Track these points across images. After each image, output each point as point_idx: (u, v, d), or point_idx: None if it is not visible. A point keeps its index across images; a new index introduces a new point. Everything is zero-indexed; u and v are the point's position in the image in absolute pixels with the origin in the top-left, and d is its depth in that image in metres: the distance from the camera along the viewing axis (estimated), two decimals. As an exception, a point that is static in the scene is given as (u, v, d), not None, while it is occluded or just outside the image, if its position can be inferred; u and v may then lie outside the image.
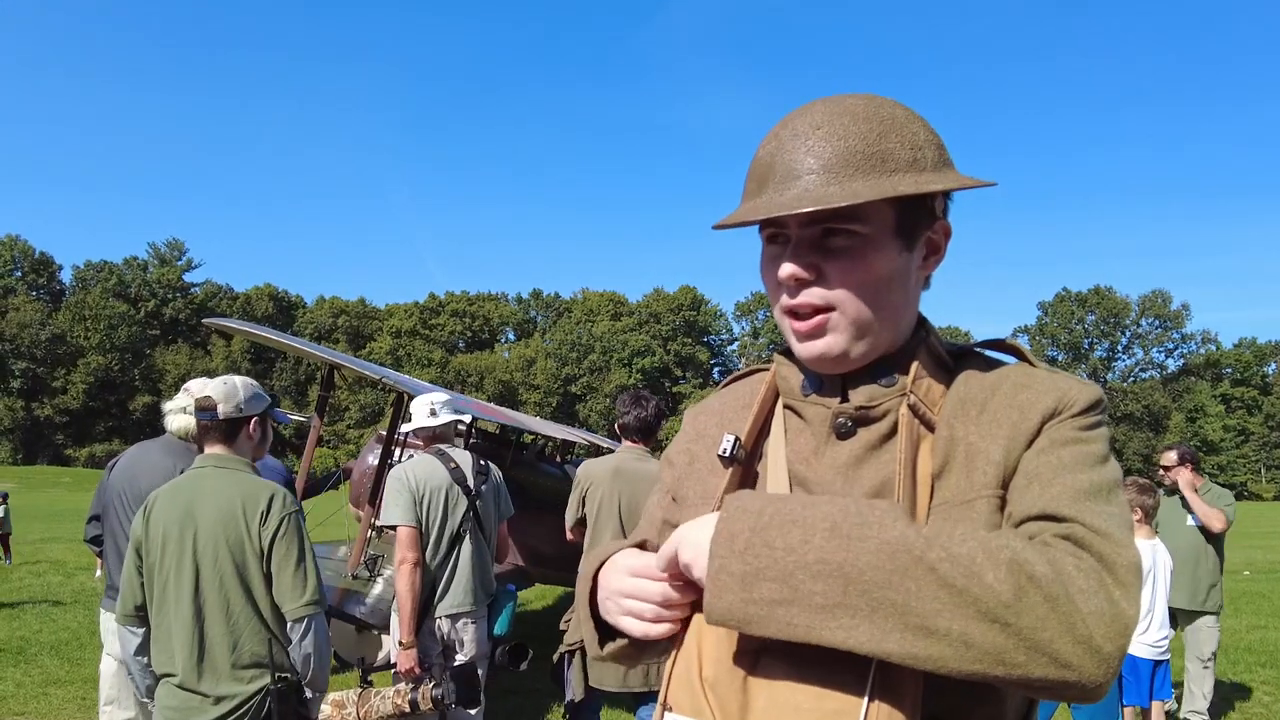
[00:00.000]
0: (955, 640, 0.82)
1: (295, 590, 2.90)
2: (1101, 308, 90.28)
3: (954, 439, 1.02)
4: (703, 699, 0.96)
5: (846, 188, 0.98)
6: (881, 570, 0.84)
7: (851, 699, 0.89)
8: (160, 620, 2.89)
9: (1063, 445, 0.98)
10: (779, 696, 0.92)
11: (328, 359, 7.18)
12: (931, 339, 1.11)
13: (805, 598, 0.86)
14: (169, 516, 2.89)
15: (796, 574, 0.86)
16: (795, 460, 1.09)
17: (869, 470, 1.04)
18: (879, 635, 0.83)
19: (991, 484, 0.98)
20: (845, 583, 0.85)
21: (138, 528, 2.93)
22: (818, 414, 1.08)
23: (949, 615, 0.82)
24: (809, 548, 0.87)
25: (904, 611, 0.83)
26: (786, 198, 1.00)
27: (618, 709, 6.64)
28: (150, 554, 2.89)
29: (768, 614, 0.87)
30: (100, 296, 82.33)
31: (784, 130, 1.04)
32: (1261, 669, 8.53)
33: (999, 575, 0.82)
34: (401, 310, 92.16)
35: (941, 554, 0.84)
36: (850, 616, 0.84)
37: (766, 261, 1.07)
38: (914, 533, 0.86)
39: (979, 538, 0.86)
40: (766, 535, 0.89)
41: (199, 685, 2.83)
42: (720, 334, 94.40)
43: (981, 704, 0.98)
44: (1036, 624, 0.81)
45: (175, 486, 2.98)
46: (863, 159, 0.99)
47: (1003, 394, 1.04)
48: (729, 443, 1.11)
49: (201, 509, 2.87)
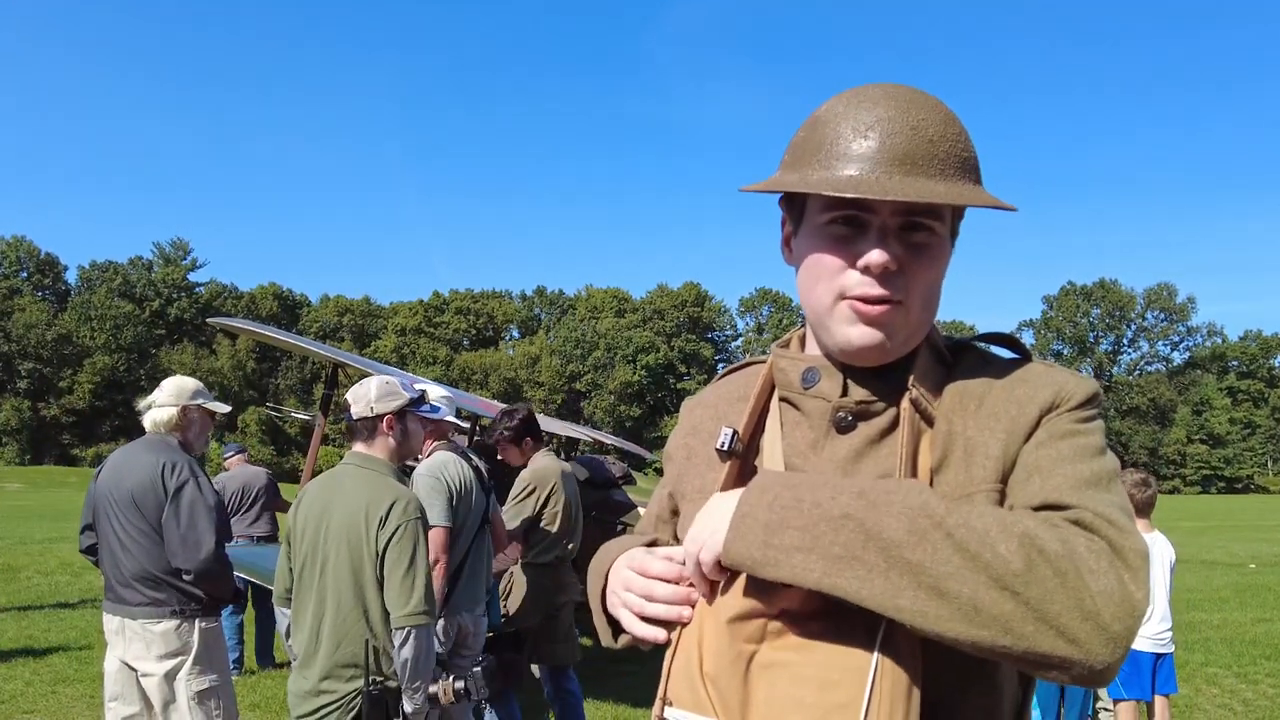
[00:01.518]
0: (965, 603, 0.84)
1: (402, 597, 2.96)
2: (1107, 301, 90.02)
3: (953, 433, 1.03)
4: (703, 693, 0.95)
5: (955, 187, 0.99)
6: (901, 530, 0.86)
7: (854, 691, 0.89)
8: (296, 607, 3.11)
9: (1060, 438, 0.99)
10: (780, 690, 0.91)
11: (331, 357, 7.21)
12: (933, 333, 1.11)
13: (824, 547, 0.88)
14: (311, 509, 3.10)
15: (819, 525, 0.89)
16: (792, 454, 1.08)
17: (868, 464, 1.04)
18: (892, 591, 0.85)
19: (990, 478, 0.99)
20: (865, 538, 0.87)
21: (289, 516, 3.22)
22: (817, 407, 1.08)
23: (960, 579, 0.84)
24: (835, 504, 0.89)
25: (918, 571, 0.85)
26: (898, 183, 0.97)
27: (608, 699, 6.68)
28: (293, 543, 3.13)
29: (784, 559, 0.89)
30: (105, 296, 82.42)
31: (876, 109, 1.01)
32: (1266, 661, 8.54)
33: (1010, 547, 0.84)
34: (406, 308, 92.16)
35: (959, 521, 0.86)
36: (866, 570, 0.86)
37: (830, 241, 1.03)
38: (936, 500, 0.88)
39: (995, 513, 0.89)
40: (797, 491, 0.92)
41: (308, 674, 3.00)
42: (724, 330, 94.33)
43: (978, 694, 0.99)
44: (1045, 596, 0.83)
45: (322, 481, 3.21)
46: (959, 161, 1.01)
47: (1000, 388, 1.04)
48: (726, 436, 1.10)
49: (335, 506, 3.03)
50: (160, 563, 3.65)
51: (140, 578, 3.65)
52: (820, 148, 1.02)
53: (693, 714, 0.96)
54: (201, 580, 3.65)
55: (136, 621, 3.64)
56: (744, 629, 0.95)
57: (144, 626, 3.63)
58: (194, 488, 3.67)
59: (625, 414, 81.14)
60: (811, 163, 1.03)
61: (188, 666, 3.67)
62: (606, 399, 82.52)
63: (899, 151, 0.98)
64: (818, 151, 1.02)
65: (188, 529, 3.61)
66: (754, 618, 0.95)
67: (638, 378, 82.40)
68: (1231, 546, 21.05)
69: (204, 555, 3.61)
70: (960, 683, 0.97)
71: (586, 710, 6.50)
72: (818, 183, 1.00)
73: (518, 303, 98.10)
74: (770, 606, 0.94)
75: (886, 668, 0.89)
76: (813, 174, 1.02)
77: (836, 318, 1.03)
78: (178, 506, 3.62)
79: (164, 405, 3.84)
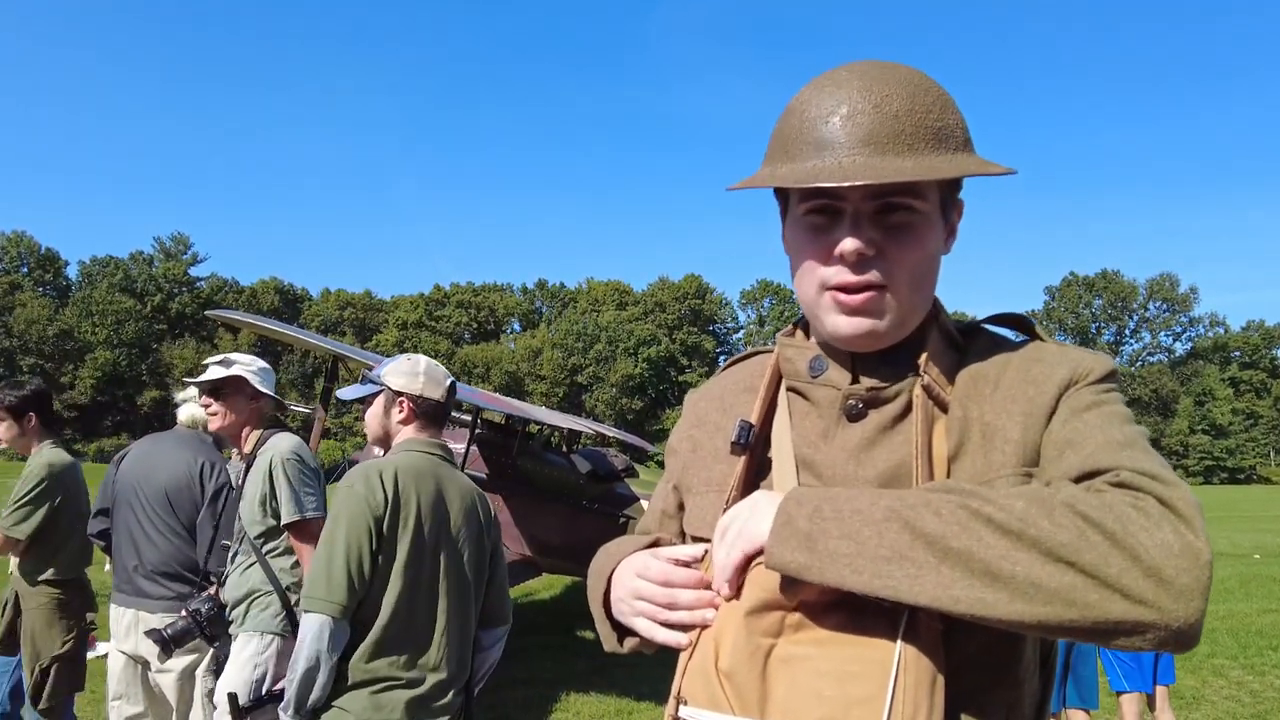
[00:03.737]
0: (1021, 583, 0.81)
1: (503, 603, 2.80)
2: (1109, 292, 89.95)
3: (968, 419, 1.01)
4: (719, 690, 0.93)
5: (924, 161, 0.95)
6: (943, 523, 0.84)
7: (875, 684, 0.87)
8: (427, 618, 2.56)
9: (1086, 410, 0.97)
10: (800, 684, 0.90)
11: (330, 350, 7.16)
12: (943, 317, 1.08)
13: (870, 550, 0.86)
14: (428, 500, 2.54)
15: (863, 529, 0.87)
16: (802, 444, 1.06)
17: (881, 452, 1.01)
18: (945, 584, 0.83)
19: (1011, 463, 0.97)
20: (911, 536, 0.85)
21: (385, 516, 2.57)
22: (826, 396, 1.06)
23: (1011, 559, 0.82)
24: (876, 507, 0.88)
25: (967, 558, 0.83)
26: (860, 164, 0.94)
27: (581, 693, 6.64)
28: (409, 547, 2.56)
29: (830, 563, 0.87)
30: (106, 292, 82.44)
31: (840, 91, 0.98)
32: (1273, 652, 8.49)
33: (1054, 518, 0.82)
34: (407, 302, 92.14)
35: (998, 506, 0.84)
36: (916, 567, 0.84)
37: (808, 232, 1.01)
38: (972, 492, 0.87)
39: (1032, 490, 0.87)
40: (835, 503, 0.90)
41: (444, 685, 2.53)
42: (726, 322, 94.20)
43: (1001, 688, 0.98)
44: (1100, 560, 0.80)
45: (416, 469, 2.57)
46: (931, 134, 0.96)
47: (1015, 369, 1.02)
48: (741, 429, 1.08)
49: (450, 496, 2.60)
50: (186, 560, 3.63)
51: (163, 572, 3.62)
52: (789, 139, 1.00)
53: (709, 711, 0.93)
54: None
55: (154, 615, 3.61)
56: (761, 623, 0.93)
57: (162, 621, 3.60)
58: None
59: (627, 407, 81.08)
60: (782, 155, 1.00)
61: (205, 664, 3.65)
62: (608, 392, 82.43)
63: (862, 132, 0.95)
64: (787, 143, 1.00)
65: (225, 533, 3.60)
66: (772, 611, 0.93)
67: (639, 370, 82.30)
68: (1235, 537, 20.97)
69: None
70: (983, 678, 0.95)
71: (590, 706, 6.47)
72: (784, 175, 0.98)
73: (519, 296, 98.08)
74: (789, 600, 0.92)
75: (910, 660, 0.87)
76: (781, 167, 0.99)
77: (823, 308, 1.01)
78: (215, 510, 3.61)
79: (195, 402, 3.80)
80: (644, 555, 1.07)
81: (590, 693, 6.76)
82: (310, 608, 2.30)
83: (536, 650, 8.22)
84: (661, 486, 1.27)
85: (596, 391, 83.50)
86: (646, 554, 1.07)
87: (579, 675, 7.23)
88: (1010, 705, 0.99)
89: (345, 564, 2.31)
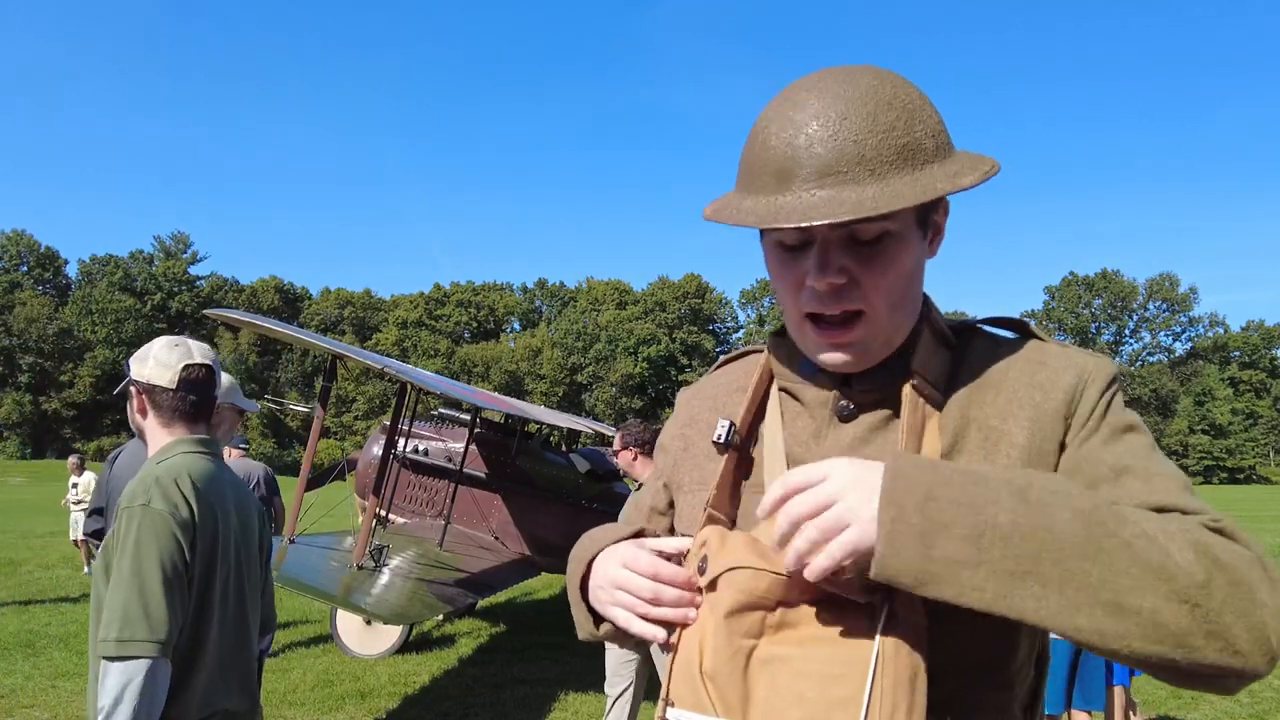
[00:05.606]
0: (1146, 619, 0.79)
1: (272, 607, 2.61)
2: (1109, 291, 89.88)
3: (966, 419, 1.00)
4: (703, 692, 0.92)
5: (888, 187, 0.91)
6: (1077, 540, 0.79)
7: (856, 685, 0.85)
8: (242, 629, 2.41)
9: (1123, 431, 0.97)
10: (781, 685, 0.89)
11: (330, 349, 7.16)
12: (934, 315, 1.07)
13: (995, 561, 0.80)
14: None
15: (985, 534, 0.80)
16: (794, 444, 1.06)
17: (873, 451, 1.01)
18: (1069, 608, 0.79)
19: (1015, 466, 0.96)
20: (1040, 549, 0.80)
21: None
22: (817, 397, 1.05)
23: (1141, 593, 0.79)
24: (999, 509, 0.81)
25: (1098, 585, 0.79)
26: (821, 199, 0.90)
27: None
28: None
29: (950, 575, 0.81)
30: (106, 291, 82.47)
31: (798, 114, 0.94)
32: (1272, 652, 8.50)
33: (1187, 556, 0.80)
34: (407, 301, 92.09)
35: (1136, 530, 0.80)
36: (1041, 585, 0.79)
37: (781, 263, 0.99)
38: (1105, 503, 0.83)
39: (1161, 517, 0.84)
40: (949, 490, 0.82)
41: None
42: (726, 321, 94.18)
43: (991, 689, 0.96)
44: (1221, 607, 0.79)
45: (205, 474, 2.30)
46: (896, 154, 0.92)
47: (1019, 373, 1.01)
48: (724, 428, 1.07)
49: (234, 501, 2.37)
50: None
51: None
52: (753, 168, 0.97)
53: (694, 714, 0.93)
54: None
55: None
56: (742, 623, 0.91)
57: None
58: None
59: (627, 406, 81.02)
60: (748, 183, 0.98)
61: None
62: (608, 391, 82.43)
63: (821, 163, 0.91)
64: (751, 172, 0.98)
65: None
66: (751, 611, 0.92)
67: (639, 370, 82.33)
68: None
69: None
70: (973, 678, 0.93)
71: (590, 705, 6.47)
72: (748, 210, 0.95)
73: (519, 295, 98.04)
74: (768, 599, 0.91)
75: (888, 658, 0.85)
76: (746, 199, 0.97)
77: (804, 337, 1.01)
78: None
79: None
80: (629, 545, 1.04)
81: (590, 692, 6.75)
82: (128, 652, 1.91)
83: (536, 650, 8.21)
84: (651, 483, 1.26)
85: (596, 391, 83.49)
86: (632, 544, 1.04)
87: (579, 675, 7.23)
88: (999, 707, 0.97)
89: (162, 592, 1.97)
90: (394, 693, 6.76)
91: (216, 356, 2.39)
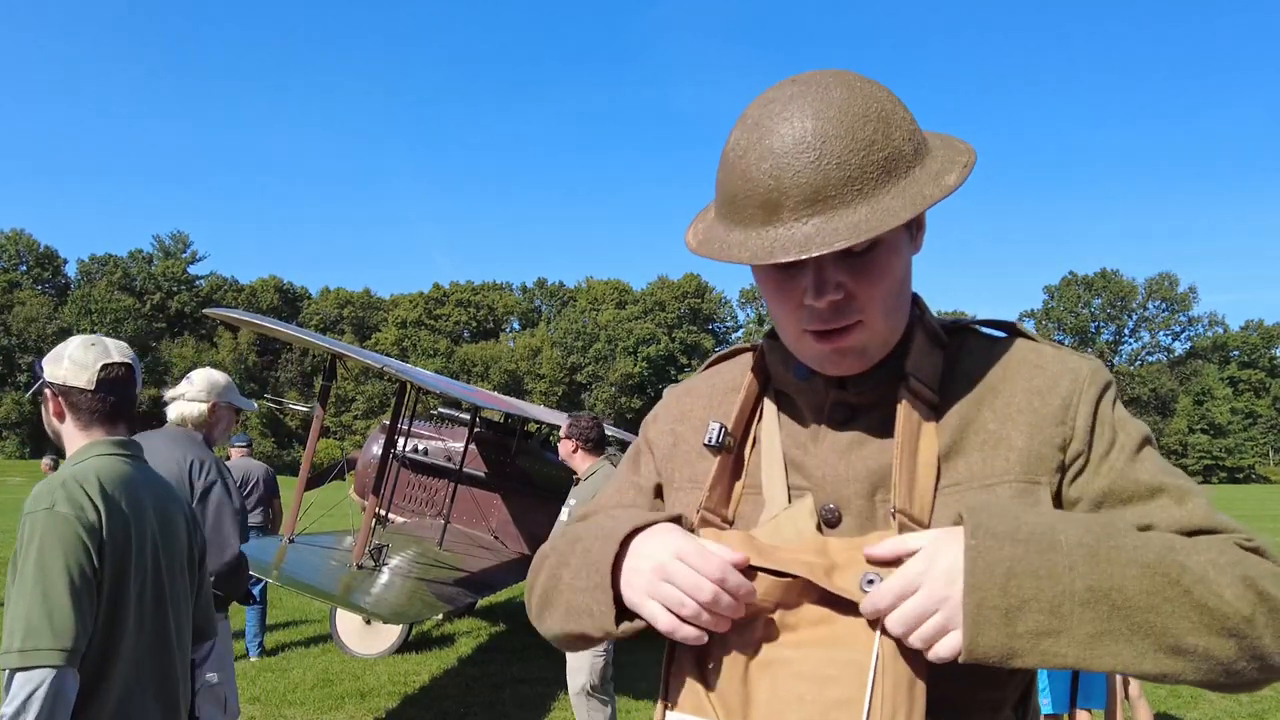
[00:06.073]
0: (1200, 656, 0.84)
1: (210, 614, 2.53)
2: (1108, 291, 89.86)
3: (965, 422, 1.01)
4: (703, 696, 0.92)
5: (879, 204, 0.90)
6: (1143, 594, 0.83)
7: (854, 687, 0.86)
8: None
9: (1140, 445, 0.99)
10: (781, 688, 0.89)
11: (329, 348, 7.15)
12: (926, 316, 1.07)
13: (1074, 628, 0.83)
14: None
15: (1064, 604, 0.83)
16: (791, 445, 1.06)
17: (870, 452, 1.01)
18: (1137, 657, 0.83)
19: (1015, 470, 0.97)
20: (1111, 610, 0.83)
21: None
22: (813, 399, 1.05)
23: (1197, 634, 0.84)
24: (1074, 575, 0.84)
25: (1161, 633, 0.83)
26: (814, 229, 0.90)
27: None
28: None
29: (1031, 646, 0.83)
30: (106, 290, 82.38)
31: (777, 142, 0.92)
32: (1271, 651, 8.49)
33: (1236, 591, 0.85)
34: (406, 301, 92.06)
35: (1195, 578, 0.85)
36: (1114, 642, 0.83)
37: (776, 286, 0.98)
38: (1164, 551, 0.86)
39: (1209, 551, 0.88)
40: (1029, 563, 0.84)
41: None
42: (725, 321, 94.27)
43: (985, 688, 0.97)
44: (1262, 633, 0.85)
45: (118, 476, 2.21)
46: (880, 169, 0.91)
47: (1016, 376, 1.02)
48: (715, 430, 1.06)
49: (155, 504, 2.28)
50: None
51: None
52: (735, 199, 0.96)
53: (693, 716, 0.92)
54: (222, 581, 3.61)
55: None
56: (742, 627, 0.92)
57: None
58: (221, 489, 3.63)
59: (626, 406, 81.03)
60: (731, 215, 0.97)
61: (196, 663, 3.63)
62: (607, 390, 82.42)
63: (807, 191, 0.90)
64: (735, 203, 0.96)
65: (214, 531, 3.57)
66: (751, 615, 0.92)
67: (639, 369, 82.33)
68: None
69: (228, 558, 3.58)
70: (968, 678, 0.93)
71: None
72: (739, 245, 0.94)
73: (518, 295, 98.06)
74: (767, 601, 0.91)
75: (888, 661, 0.86)
76: (734, 232, 0.96)
77: (803, 349, 1.01)
78: (205, 508, 3.58)
79: (195, 400, 3.77)
80: (682, 535, 0.96)
81: (589, 691, 6.75)
82: (30, 662, 1.82)
83: (536, 650, 8.20)
84: (628, 477, 1.21)
85: (596, 390, 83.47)
86: (686, 535, 0.96)
87: (578, 674, 7.22)
88: (995, 705, 0.98)
89: (68, 599, 1.87)
90: (393, 692, 6.76)
91: (135, 355, 2.33)
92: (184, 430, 3.77)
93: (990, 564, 0.84)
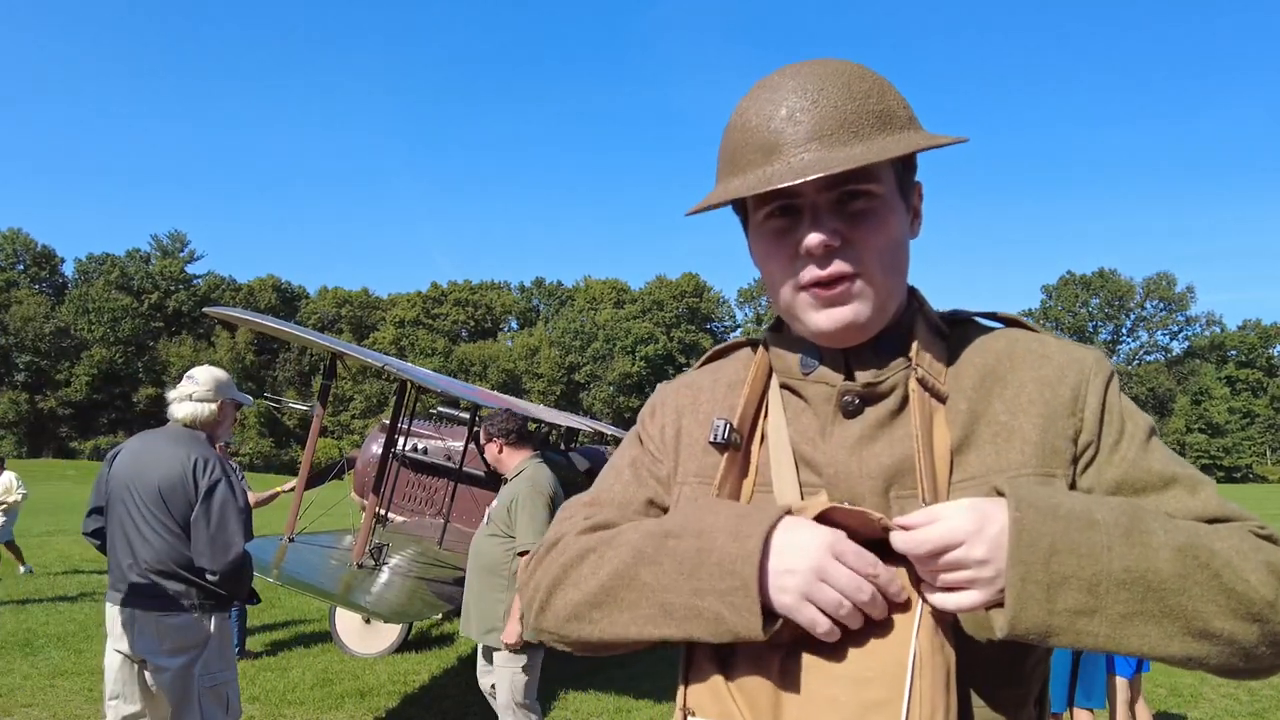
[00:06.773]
0: (1224, 640, 0.85)
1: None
2: (1106, 291, 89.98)
3: (975, 413, 1.00)
4: (730, 701, 0.90)
5: (873, 144, 0.94)
6: (1175, 577, 0.84)
7: (890, 688, 0.85)
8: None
9: (1148, 435, 1.01)
10: (814, 691, 0.87)
11: (329, 347, 7.13)
12: (926, 308, 1.08)
13: (1108, 607, 0.84)
14: None
15: (1102, 583, 0.84)
16: (800, 441, 1.04)
17: (882, 447, 1.00)
18: (1165, 639, 0.85)
19: (1030, 462, 0.98)
20: (1145, 591, 0.84)
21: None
22: (820, 393, 1.04)
23: (1223, 617, 0.85)
24: (1112, 555, 0.84)
25: (1191, 616, 0.84)
26: (811, 159, 0.93)
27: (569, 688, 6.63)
28: None
29: (1069, 625, 0.84)
30: (103, 289, 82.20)
31: (776, 94, 0.98)
32: (1271, 650, 8.50)
33: (1261, 577, 0.87)
34: (404, 300, 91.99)
35: (1223, 561, 0.86)
36: (1144, 623, 0.84)
37: (772, 236, 1.00)
38: (1193, 536, 0.87)
39: (1234, 539, 0.89)
40: (1070, 539, 0.85)
41: None
42: (723, 320, 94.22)
43: (1008, 686, 0.98)
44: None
45: None
46: (874, 117, 0.96)
47: (1024, 367, 1.03)
48: (720, 427, 1.05)
49: None
50: (181, 558, 3.60)
51: (158, 570, 3.59)
52: (735, 151, 1.00)
53: None
54: (225, 580, 3.61)
55: (150, 614, 3.57)
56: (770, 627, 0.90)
57: (158, 619, 3.57)
58: (225, 488, 3.62)
59: (624, 405, 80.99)
60: (731, 169, 1.00)
61: (202, 661, 3.63)
62: (605, 390, 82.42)
63: (806, 129, 0.95)
64: (734, 155, 1.00)
65: (218, 530, 3.56)
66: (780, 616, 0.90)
67: (637, 369, 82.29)
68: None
69: (232, 557, 3.57)
70: (992, 676, 0.94)
71: (588, 704, 6.46)
72: (738, 188, 0.97)
73: (516, 294, 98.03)
74: None
75: (925, 661, 0.86)
76: (734, 180, 0.99)
77: (801, 308, 1.00)
78: (209, 506, 3.57)
79: (205, 400, 3.77)
80: (830, 531, 0.91)
81: (588, 691, 6.75)
82: None
83: (535, 648, 8.19)
84: (628, 471, 1.17)
85: (594, 390, 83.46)
86: (834, 531, 0.91)
87: (577, 674, 7.21)
88: (1017, 701, 0.99)
89: None
90: (393, 691, 6.76)
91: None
92: (187, 430, 3.76)
93: (1035, 538, 0.84)
